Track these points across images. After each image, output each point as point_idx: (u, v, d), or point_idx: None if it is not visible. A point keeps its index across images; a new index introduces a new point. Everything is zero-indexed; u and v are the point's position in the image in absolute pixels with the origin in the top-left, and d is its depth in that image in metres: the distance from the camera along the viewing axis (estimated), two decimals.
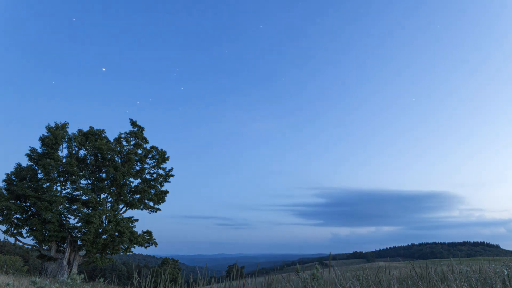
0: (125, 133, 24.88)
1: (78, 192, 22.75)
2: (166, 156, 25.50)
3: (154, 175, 25.28)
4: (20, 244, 22.48)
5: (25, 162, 22.81)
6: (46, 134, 22.97)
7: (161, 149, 25.48)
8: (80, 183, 23.02)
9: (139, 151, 24.84)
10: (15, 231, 21.52)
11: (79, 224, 21.62)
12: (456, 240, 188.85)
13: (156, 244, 24.50)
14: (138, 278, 5.31)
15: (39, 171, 22.27)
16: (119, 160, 23.85)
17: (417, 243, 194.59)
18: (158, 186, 25.10)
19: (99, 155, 23.38)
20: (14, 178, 21.92)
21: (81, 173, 22.89)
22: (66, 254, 21.77)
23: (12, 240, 22.61)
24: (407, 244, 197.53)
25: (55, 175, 22.33)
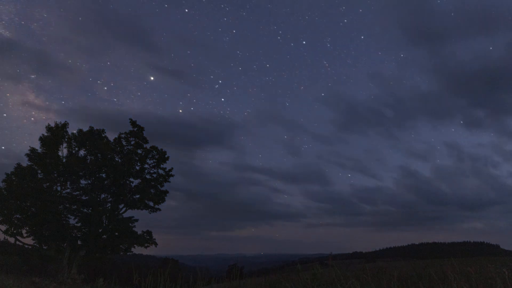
0: (125, 133, 24.85)
1: (78, 192, 22.76)
2: (166, 156, 25.49)
3: (154, 175, 25.27)
4: (20, 244, 22.49)
5: (25, 162, 22.83)
6: (46, 134, 23.00)
7: (161, 149, 25.46)
8: (80, 183, 23.00)
9: (139, 151, 24.84)
10: (15, 231, 21.53)
11: (79, 224, 21.62)
12: (456, 240, 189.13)
13: (156, 244, 24.48)
14: (138, 278, 5.31)
15: (39, 171, 22.27)
16: (119, 160, 23.85)
17: (417, 243, 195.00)
18: (158, 186, 25.09)
19: (99, 155, 23.38)
20: (14, 178, 21.92)
21: (81, 173, 22.88)
22: (66, 254, 21.77)
23: (12, 240, 22.64)
24: (407, 244, 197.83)
25: (55, 175, 22.33)
